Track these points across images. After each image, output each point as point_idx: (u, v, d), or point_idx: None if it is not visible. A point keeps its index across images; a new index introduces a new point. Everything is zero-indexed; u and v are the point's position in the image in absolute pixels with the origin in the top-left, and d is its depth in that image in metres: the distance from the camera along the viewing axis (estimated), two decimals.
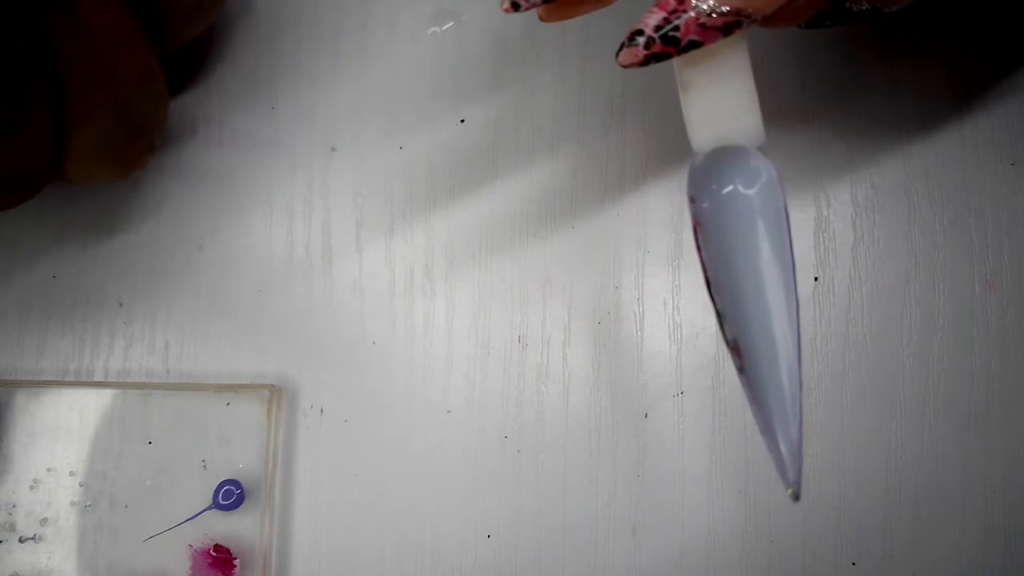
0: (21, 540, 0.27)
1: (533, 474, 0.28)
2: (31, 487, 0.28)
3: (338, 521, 0.28)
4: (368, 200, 0.30)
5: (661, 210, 0.30)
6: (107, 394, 0.28)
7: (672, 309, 0.29)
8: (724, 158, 0.19)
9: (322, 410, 0.29)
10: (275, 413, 0.28)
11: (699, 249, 0.19)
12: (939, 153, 0.29)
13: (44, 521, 0.28)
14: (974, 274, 0.29)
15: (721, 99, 0.19)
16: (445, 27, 0.31)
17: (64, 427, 0.28)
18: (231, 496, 0.27)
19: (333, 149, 0.30)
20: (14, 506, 0.28)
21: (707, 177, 0.19)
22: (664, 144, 0.30)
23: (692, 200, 0.19)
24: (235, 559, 0.27)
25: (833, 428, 0.28)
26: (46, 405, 0.28)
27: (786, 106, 0.30)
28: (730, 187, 0.19)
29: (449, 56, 0.31)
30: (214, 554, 0.27)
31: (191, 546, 0.27)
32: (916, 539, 0.28)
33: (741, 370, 0.19)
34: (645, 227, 0.29)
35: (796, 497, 0.18)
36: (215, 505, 0.27)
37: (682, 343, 0.29)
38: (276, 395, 0.28)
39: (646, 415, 0.29)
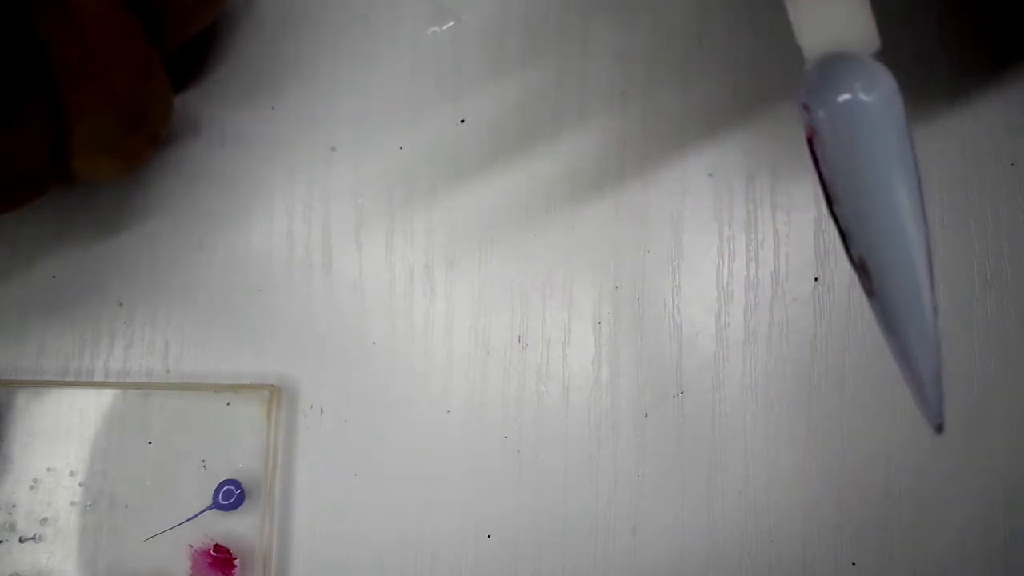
0: (21, 540, 0.27)
1: (533, 474, 0.28)
2: (31, 487, 0.28)
3: (338, 521, 0.28)
4: (368, 200, 0.30)
5: (661, 210, 0.30)
6: (107, 394, 0.28)
7: (672, 309, 0.29)
8: (839, 64, 0.18)
9: (322, 410, 0.29)
10: (275, 413, 0.28)
11: (816, 162, 0.18)
12: (939, 153, 0.29)
13: (44, 521, 0.28)
14: (974, 274, 0.29)
15: (833, 2, 0.18)
16: (445, 27, 0.31)
17: (64, 427, 0.28)
18: (231, 496, 0.27)
19: (333, 149, 0.30)
20: (14, 506, 0.28)
21: (822, 84, 0.18)
22: (665, 144, 0.30)
23: (807, 109, 0.18)
24: (235, 559, 0.27)
25: (833, 428, 0.28)
26: (46, 405, 0.28)
27: (787, 108, 0.30)
28: (848, 95, 0.18)
29: (449, 56, 0.31)
30: (214, 554, 0.27)
31: (191, 546, 0.27)
32: (916, 539, 0.28)
33: (871, 293, 0.17)
34: (645, 227, 0.29)
35: (940, 429, 0.17)
36: (215, 505, 0.27)
37: (682, 343, 0.29)
38: (276, 395, 0.28)
39: (646, 415, 0.29)
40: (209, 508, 0.27)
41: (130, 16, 0.23)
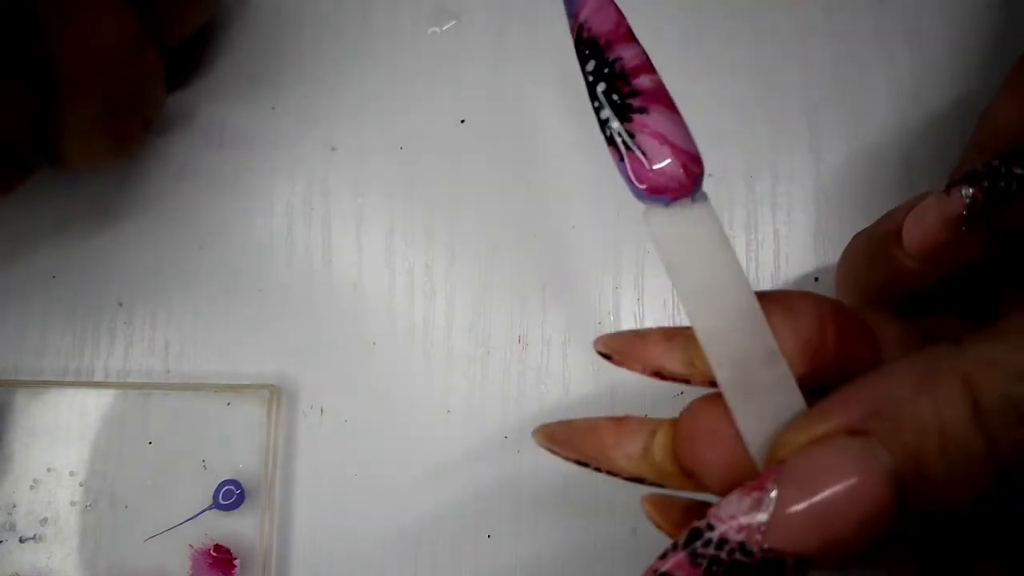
0: (21, 540, 0.27)
1: (533, 474, 0.28)
2: (31, 487, 0.28)
3: (338, 521, 0.28)
4: (368, 200, 0.30)
5: None
6: (107, 394, 0.28)
7: (672, 309, 0.29)
8: None
9: (322, 410, 0.29)
10: (275, 413, 0.28)
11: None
12: (940, 153, 0.29)
13: (44, 521, 0.28)
14: None
15: None
16: (445, 27, 0.31)
17: (64, 427, 0.28)
18: (231, 496, 0.27)
19: (333, 149, 0.30)
20: (14, 506, 0.28)
21: None
22: None
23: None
24: (235, 559, 0.27)
25: None
26: (46, 405, 0.28)
27: (788, 107, 0.30)
28: None
29: (449, 56, 0.31)
30: (214, 554, 0.27)
31: (191, 546, 0.27)
32: None
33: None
34: (644, 227, 0.29)
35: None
36: (215, 505, 0.27)
37: None
38: (276, 395, 0.28)
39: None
40: (209, 508, 0.27)
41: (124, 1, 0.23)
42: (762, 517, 0.15)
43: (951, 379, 0.15)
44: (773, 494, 0.15)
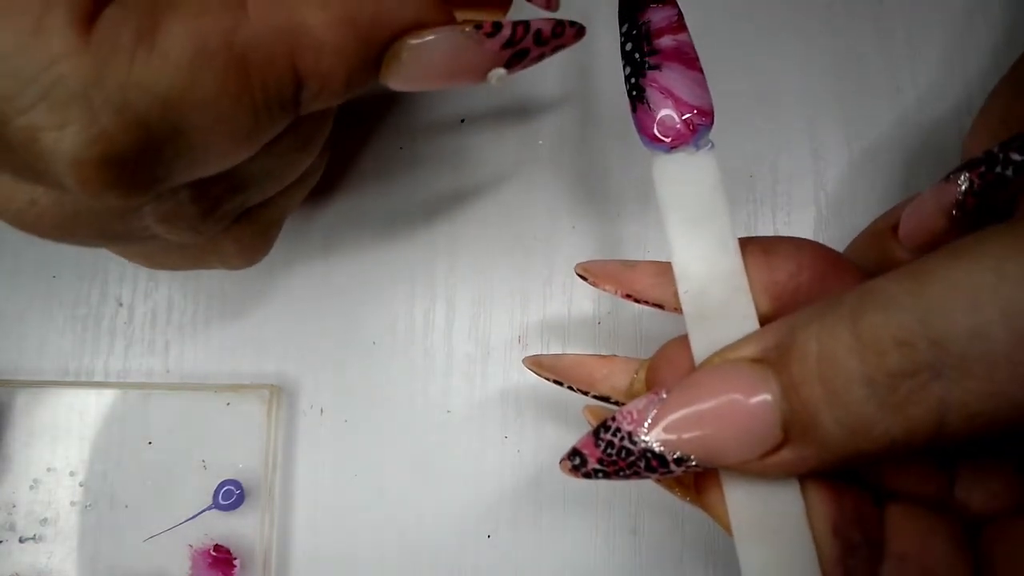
0: (21, 540, 0.27)
1: (533, 474, 0.28)
2: (31, 487, 0.28)
3: (338, 521, 0.28)
4: (368, 200, 0.30)
5: None
6: (107, 394, 0.28)
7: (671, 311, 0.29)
8: None
9: (322, 410, 0.29)
10: (275, 413, 0.28)
11: None
12: (940, 153, 0.29)
13: (44, 521, 0.28)
14: None
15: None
16: None
17: (64, 427, 0.28)
18: (231, 496, 0.27)
19: (334, 148, 0.30)
20: (14, 506, 0.28)
21: None
22: None
23: None
24: (235, 559, 0.27)
25: None
26: (46, 405, 0.28)
27: (788, 107, 0.30)
28: None
29: None
30: (214, 554, 0.27)
31: (191, 546, 0.27)
32: None
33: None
34: (645, 227, 0.29)
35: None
36: (215, 505, 0.27)
37: None
38: (276, 395, 0.28)
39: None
40: (209, 508, 0.27)
41: None
42: (651, 414, 0.17)
43: (840, 309, 0.16)
44: (664, 396, 0.17)
